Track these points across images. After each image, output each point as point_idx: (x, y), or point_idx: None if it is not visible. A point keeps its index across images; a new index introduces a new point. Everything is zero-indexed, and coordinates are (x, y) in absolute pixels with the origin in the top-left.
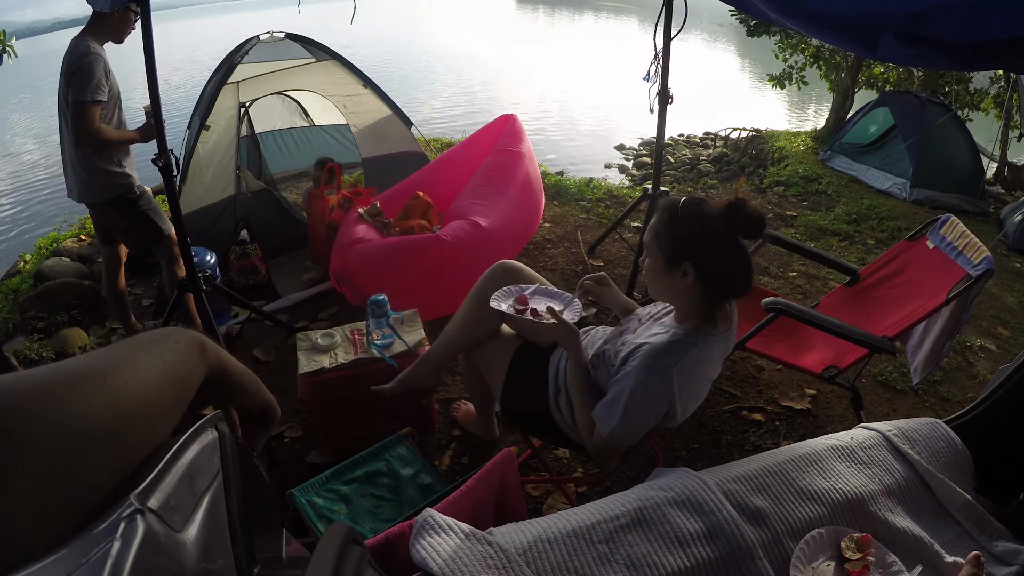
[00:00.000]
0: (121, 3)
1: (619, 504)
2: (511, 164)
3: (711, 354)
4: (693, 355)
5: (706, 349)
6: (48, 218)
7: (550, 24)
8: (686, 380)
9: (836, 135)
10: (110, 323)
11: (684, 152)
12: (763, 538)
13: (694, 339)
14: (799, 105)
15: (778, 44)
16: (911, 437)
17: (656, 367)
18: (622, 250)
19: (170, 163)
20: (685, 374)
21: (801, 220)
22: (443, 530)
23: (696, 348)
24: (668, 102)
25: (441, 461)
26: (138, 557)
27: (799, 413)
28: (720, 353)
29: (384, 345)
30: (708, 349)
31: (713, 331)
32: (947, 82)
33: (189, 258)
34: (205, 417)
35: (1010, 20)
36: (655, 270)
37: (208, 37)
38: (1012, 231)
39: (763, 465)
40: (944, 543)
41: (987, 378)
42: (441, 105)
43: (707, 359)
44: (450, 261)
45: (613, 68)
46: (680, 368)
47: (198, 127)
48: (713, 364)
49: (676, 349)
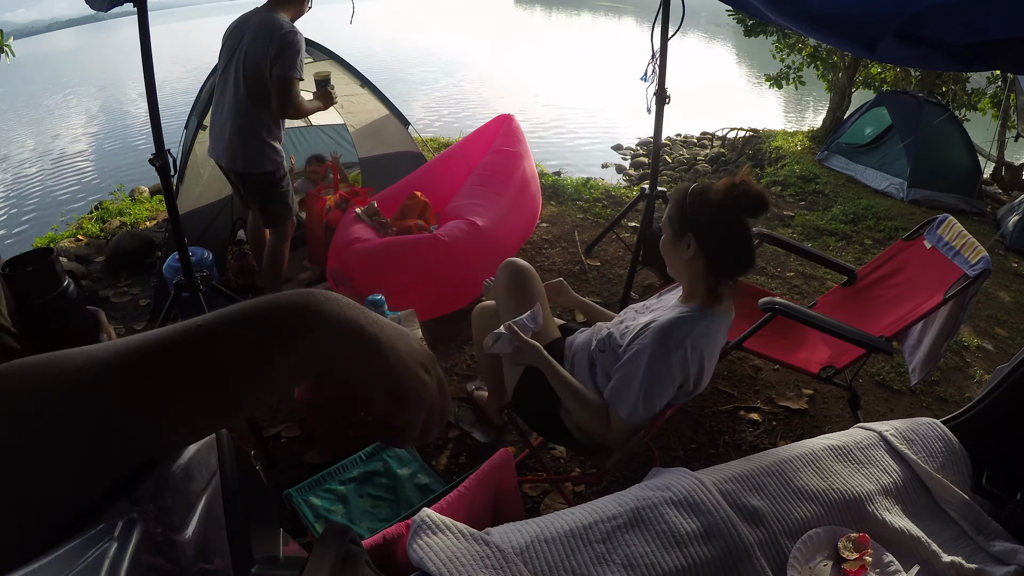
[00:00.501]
0: (118, 3)
1: (616, 504)
2: (508, 164)
3: (718, 327)
4: (703, 328)
5: (714, 322)
6: (46, 218)
7: (548, 23)
8: (697, 351)
9: (833, 135)
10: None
11: (681, 152)
12: (760, 538)
13: (702, 313)
14: (796, 105)
15: (775, 44)
16: (908, 437)
17: (667, 340)
18: (619, 250)
19: (167, 163)
20: (696, 345)
21: (798, 220)
22: (440, 530)
23: (705, 321)
24: (665, 102)
25: (439, 461)
26: (135, 558)
27: (796, 413)
28: (724, 329)
29: None
30: (716, 322)
31: (713, 308)
32: (944, 82)
33: (186, 258)
34: None
35: (1009, 20)
36: (666, 244)
37: (206, 37)
38: (1009, 231)
39: (760, 465)
40: (941, 543)
41: (984, 378)
42: (439, 105)
43: (716, 331)
44: (447, 261)
45: (611, 68)
46: (692, 340)
47: (196, 127)
48: (719, 340)
49: (684, 323)
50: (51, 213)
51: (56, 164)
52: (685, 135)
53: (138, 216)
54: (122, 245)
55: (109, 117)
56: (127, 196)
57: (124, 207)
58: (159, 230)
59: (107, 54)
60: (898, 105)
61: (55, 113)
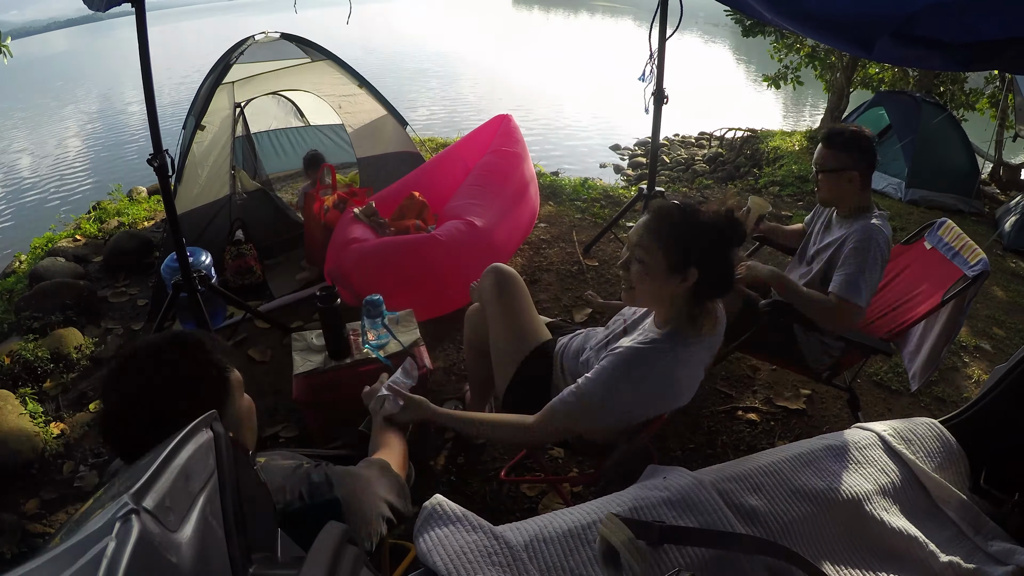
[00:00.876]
0: (116, 3)
1: (615, 504)
2: (506, 164)
3: (689, 358)
4: (672, 360)
5: (684, 353)
6: (43, 218)
7: (546, 23)
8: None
9: None
10: (105, 323)
11: (679, 152)
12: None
13: (671, 345)
14: (794, 105)
15: (774, 44)
16: (906, 437)
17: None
18: (617, 250)
19: (165, 163)
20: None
21: (796, 220)
22: (451, 521)
23: (675, 352)
24: (663, 102)
25: (437, 461)
26: (133, 556)
27: (794, 413)
28: (702, 357)
29: (379, 345)
30: (686, 354)
31: (696, 334)
32: (942, 82)
33: (184, 259)
34: (200, 417)
35: (1006, 20)
36: (653, 274)
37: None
38: (1007, 231)
39: (758, 465)
40: (939, 543)
41: (982, 378)
42: (436, 105)
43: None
44: (445, 261)
45: (609, 68)
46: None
47: (193, 127)
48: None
49: (651, 357)
50: (49, 213)
51: (54, 164)
52: (683, 135)
53: (136, 216)
54: (120, 245)
55: (107, 117)
56: (124, 196)
57: (122, 207)
58: (157, 230)
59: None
60: (896, 105)
61: (53, 113)
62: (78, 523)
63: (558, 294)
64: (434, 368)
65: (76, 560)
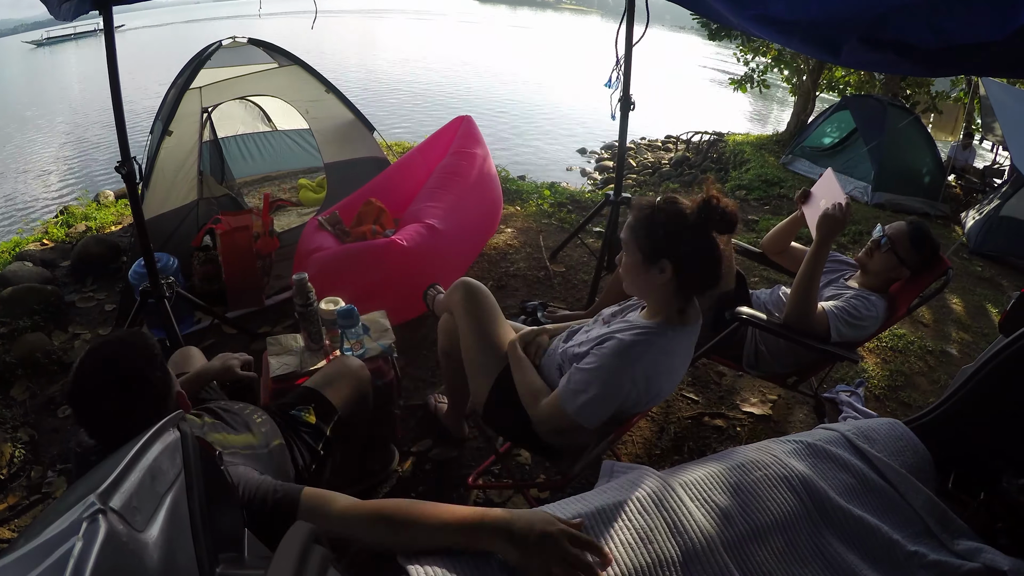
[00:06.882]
0: (83, 12)
1: (580, 504)
2: (467, 165)
3: (678, 346)
4: (661, 346)
5: (674, 340)
6: (10, 223)
7: (512, 24)
8: (652, 370)
9: (797, 138)
10: (73, 328)
11: (646, 156)
12: (724, 534)
13: (661, 331)
14: (761, 108)
15: (740, 47)
16: (870, 436)
17: (624, 357)
18: (584, 255)
19: (133, 170)
20: (651, 365)
21: (763, 224)
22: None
23: (665, 338)
24: (630, 109)
25: (405, 468)
26: (100, 556)
27: (761, 419)
28: (688, 344)
29: (361, 355)
30: (675, 340)
31: (682, 324)
32: (908, 85)
33: (152, 266)
34: (167, 417)
35: (973, 24)
36: (633, 267)
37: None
38: (973, 234)
39: (724, 464)
40: (905, 536)
41: (948, 383)
42: (404, 109)
43: (674, 350)
44: (406, 264)
45: (575, 70)
46: (647, 359)
47: (161, 132)
48: (681, 354)
49: (643, 341)
50: (16, 217)
51: (17, 168)
52: (649, 139)
53: (104, 221)
54: (88, 250)
55: (75, 121)
56: (92, 201)
57: (89, 212)
58: (125, 235)
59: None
60: (862, 109)
61: (20, 117)
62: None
63: (525, 300)
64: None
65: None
